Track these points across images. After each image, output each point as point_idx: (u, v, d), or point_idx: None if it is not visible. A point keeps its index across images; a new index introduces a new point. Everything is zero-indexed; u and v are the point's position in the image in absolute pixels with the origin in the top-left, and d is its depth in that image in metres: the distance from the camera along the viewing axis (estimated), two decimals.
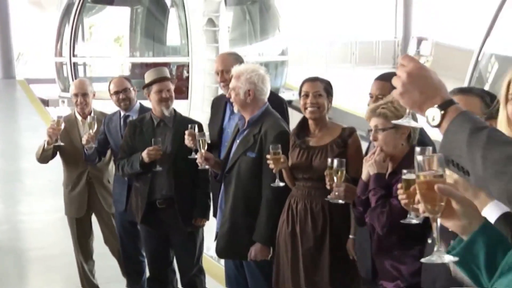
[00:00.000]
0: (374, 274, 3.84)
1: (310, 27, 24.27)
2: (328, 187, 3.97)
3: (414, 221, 3.34)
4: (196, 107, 13.45)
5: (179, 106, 5.38)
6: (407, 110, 2.10)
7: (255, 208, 4.51)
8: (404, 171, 3.25)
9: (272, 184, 4.31)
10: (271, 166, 4.21)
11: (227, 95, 4.77)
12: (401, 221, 3.41)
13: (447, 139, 1.84)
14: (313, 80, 4.50)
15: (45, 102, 19.01)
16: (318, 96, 4.36)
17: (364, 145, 4.43)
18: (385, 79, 4.06)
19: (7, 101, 19.43)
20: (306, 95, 4.37)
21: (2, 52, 23.81)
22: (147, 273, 5.68)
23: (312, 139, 4.40)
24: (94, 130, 5.42)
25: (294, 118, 4.82)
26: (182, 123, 5.18)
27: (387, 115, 3.59)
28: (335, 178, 3.87)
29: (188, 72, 14.86)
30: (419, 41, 2.00)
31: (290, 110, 5.52)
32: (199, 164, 4.74)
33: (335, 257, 4.27)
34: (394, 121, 2.92)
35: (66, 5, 16.71)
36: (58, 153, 5.78)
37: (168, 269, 5.47)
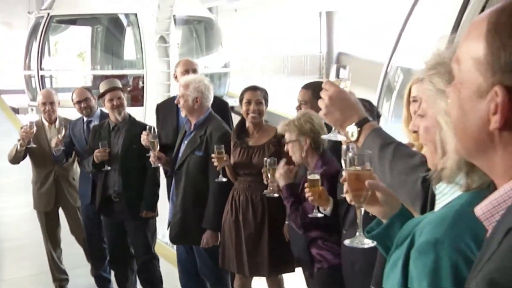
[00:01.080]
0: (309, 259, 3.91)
1: (249, 43, 24.30)
2: (265, 182, 4.02)
3: (319, 215, 3.40)
4: (150, 113, 13.37)
5: (136, 112, 5.39)
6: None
7: (203, 200, 4.51)
8: (309, 172, 3.40)
9: (216, 180, 4.33)
10: (215, 164, 4.23)
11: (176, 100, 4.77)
12: (309, 215, 3.48)
13: (362, 151, 1.95)
14: (254, 89, 4.55)
15: (16, 110, 18.78)
16: (259, 104, 4.44)
17: None
18: (307, 88, 4.22)
19: None
20: (249, 102, 4.43)
21: None
22: (108, 258, 5.65)
23: (251, 140, 4.43)
24: (62, 135, 5.39)
25: (235, 122, 4.85)
26: (134, 127, 5.20)
27: (291, 130, 3.76)
28: (269, 175, 3.93)
29: (143, 82, 14.84)
30: (338, 68, 2.05)
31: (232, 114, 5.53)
32: (152, 163, 4.75)
33: (273, 240, 4.31)
34: (324, 136, 3.00)
35: (34, 25, 16.50)
36: (28, 155, 5.70)
37: (126, 254, 5.45)
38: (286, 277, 4.65)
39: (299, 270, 4.35)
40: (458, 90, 1.05)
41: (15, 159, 5.66)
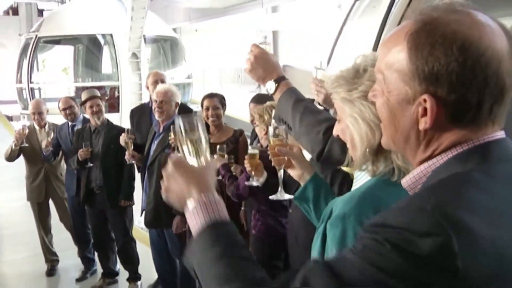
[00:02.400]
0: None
1: (208, 58, 24.27)
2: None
3: (255, 184, 3.40)
4: (125, 118, 13.36)
5: (113, 118, 5.41)
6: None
7: None
8: (250, 147, 3.64)
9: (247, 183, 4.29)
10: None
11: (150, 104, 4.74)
12: (246, 183, 3.53)
13: (280, 105, 2.01)
14: (211, 96, 4.60)
15: (9, 118, 18.77)
16: (217, 109, 4.50)
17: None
18: (255, 102, 4.38)
19: None
20: (207, 109, 4.50)
21: None
22: (92, 241, 5.61)
23: (212, 137, 4.41)
24: (51, 138, 5.42)
25: None
26: (112, 130, 5.18)
27: (258, 117, 3.71)
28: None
29: (118, 92, 14.77)
30: (261, 34, 2.12)
31: None
32: (127, 160, 4.72)
33: None
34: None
35: (24, 45, 16.32)
36: (21, 154, 5.69)
37: (107, 238, 5.42)
38: None
39: None
40: (387, 97, 1.05)
41: (10, 157, 5.64)
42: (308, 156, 2.06)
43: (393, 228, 0.90)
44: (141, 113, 5.36)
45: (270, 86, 2.00)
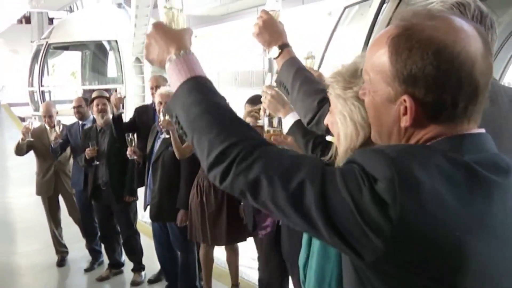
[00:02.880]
0: (254, 228, 3.89)
1: (207, 62, 24.25)
2: None
3: None
4: (129, 118, 13.50)
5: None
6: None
7: (175, 186, 4.44)
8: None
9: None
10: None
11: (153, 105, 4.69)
12: None
13: (282, 70, 2.00)
14: None
15: (22, 119, 18.76)
16: None
17: None
18: (251, 103, 4.32)
19: None
20: None
21: None
22: (99, 234, 5.59)
23: None
24: (60, 130, 5.41)
25: None
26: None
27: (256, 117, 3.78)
28: None
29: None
30: (271, 2, 2.08)
31: None
32: (129, 156, 4.70)
33: (230, 217, 4.29)
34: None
35: (35, 51, 16.30)
36: (32, 151, 5.75)
37: (113, 231, 5.40)
38: (240, 245, 4.62)
39: (250, 240, 4.39)
40: (372, 96, 1.08)
41: (18, 150, 5.65)
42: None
43: (357, 164, 0.96)
44: (143, 112, 5.33)
45: (274, 51, 1.99)
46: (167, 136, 4.36)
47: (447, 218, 0.92)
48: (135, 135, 4.68)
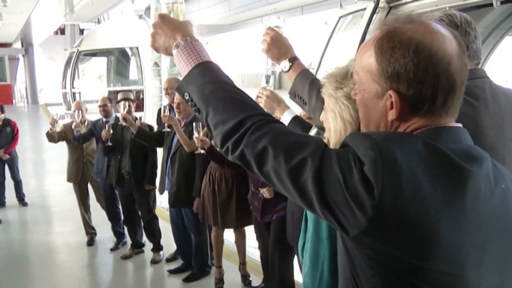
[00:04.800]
0: (262, 215, 3.86)
1: None
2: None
3: None
4: (148, 116, 13.65)
5: (138, 116, 5.31)
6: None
7: (191, 176, 4.40)
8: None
9: (196, 152, 4.10)
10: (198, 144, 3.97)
11: (173, 104, 4.59)
12: None
13: (297, 82, 1.93)
14: None
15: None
16: None
17: None
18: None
19: (34, 117, 20.18)
20: None
21: (31, 88, 23.62)
22: (123, 218, 5.55)
23: None
24: (79, 119, 5.38)
25: None
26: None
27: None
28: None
29: (142, 95, 14.91)
30: (276, 21, 2.00)
31: None
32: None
33: (239, 204, 4.22)
34: None
35: (68, 57, 16.47)
36: (65, 142, 5.81)
37: (135, 215, 5.33)
38: (247, 229, 4.56)
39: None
40: (362, 94, 1.06)
41: (49, 138, 5.66)
42: None
43: (348, 146, 0.96)
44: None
45: (284, 65, 1.92)
46: (169, 129, 4.30)
47: (423, 199, 0.91)
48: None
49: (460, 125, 1.03)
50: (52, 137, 5.64)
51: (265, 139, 1.01)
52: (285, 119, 2.21)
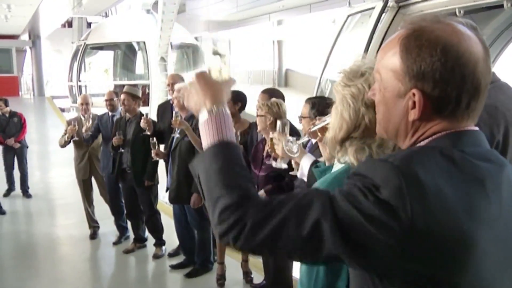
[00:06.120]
0: None
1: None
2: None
3: (283, 166, 3.18)
4: (154, 111, 13.67)
5: (143, 110, 5.29)
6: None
7: (191, 172, 4.36)
8: (271, 134, 3.21)
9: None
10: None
11: (171, 101, 4.59)
12: (273, 165, 3.31)
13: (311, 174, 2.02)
14: None
15: (62, 109, 19.06)
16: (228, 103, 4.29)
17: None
18: (264, 92, 4.15)
19: (40, 109, 20.04)
20: None
21: (37, 80, 23.73)
22: (125, 212, 5.54)
23: None
24: (90, 124, 5.45)
25: None
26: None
27: (263, 108, 3.52)
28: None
29: (148, 89, 14.89)
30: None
31: None
32: (154, 157, 4.70)
33: None
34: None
35: (75, 51, 16.53)
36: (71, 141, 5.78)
37: (137, 210, 5.31)
38: None
39: None
40: (383, 93, 1.04)
41: (64, 145, 5.71)
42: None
43: (361, 176, 0.93)
44: (164, 107, 5.23)
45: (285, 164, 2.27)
46: (178, 135, 4.34)
47: (452, 213, 0.90)
48: (155, 139, 4.63)
49: (477, 128, 1.02)
50: (66, 144, 5.69)
51: (268, 226, 0.95)
52: (305, 164, 2.34)
